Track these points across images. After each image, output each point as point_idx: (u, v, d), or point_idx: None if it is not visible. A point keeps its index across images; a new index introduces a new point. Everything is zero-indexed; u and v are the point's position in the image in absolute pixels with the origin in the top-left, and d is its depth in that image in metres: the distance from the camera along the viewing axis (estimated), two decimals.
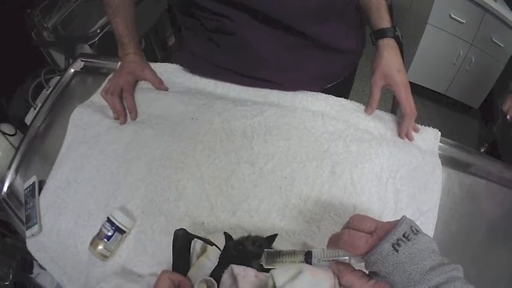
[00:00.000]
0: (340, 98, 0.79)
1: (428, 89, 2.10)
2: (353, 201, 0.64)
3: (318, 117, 0.74)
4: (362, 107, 0.78)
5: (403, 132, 0.74)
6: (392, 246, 0.35)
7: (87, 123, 0.82)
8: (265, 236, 0.56)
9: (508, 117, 1.25)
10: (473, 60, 1.85)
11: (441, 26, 1.84)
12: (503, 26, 1.65)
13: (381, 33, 0.73)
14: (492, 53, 1.78)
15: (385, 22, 0.74)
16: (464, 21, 1.75)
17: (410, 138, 0.74)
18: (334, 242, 0.40)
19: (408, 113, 0.72)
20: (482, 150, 1.68)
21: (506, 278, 0.65)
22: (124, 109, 0.82)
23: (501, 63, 1.78)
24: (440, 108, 2.13)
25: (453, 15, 1.76)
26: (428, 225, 0.64)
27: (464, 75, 1.95)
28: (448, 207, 0.69)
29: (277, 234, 0.56)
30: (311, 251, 0.41)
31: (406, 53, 0.75)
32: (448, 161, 0.74)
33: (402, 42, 0.74)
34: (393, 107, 0.79)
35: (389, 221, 0.39)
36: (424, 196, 0.67)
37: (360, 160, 0.68)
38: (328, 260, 0.40)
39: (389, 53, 0.72)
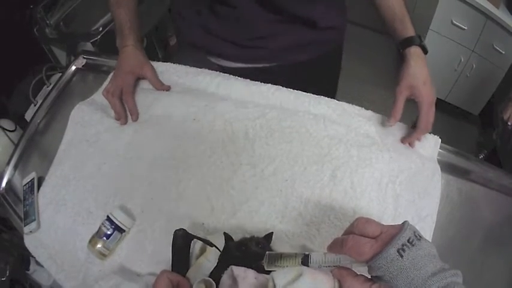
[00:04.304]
0: (341, 102, 0.80)
1: None
2: (353, 205, 0.65)
3: (319, 120, 0.75)
4: (363, 111, 0.79)
5: (407, 140, 0.74)
6: (398, 252, 0.36)
7: (88, 121, 0.81)
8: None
9: (509, 124, 1.25)
10: (474, 66, 1.86)
11: (443, 32, 1.85)
12: (505, 33, 1.65)
13: (408, 42, 0.73)
14: (493, 60, 1.78)
15: (410, 31, 0.73)
16: (466, 28, 1.76)
17: (412, 146, 0.74)
18: (338, 246, 0.40)
19: (422, 128, 0.71)
20: (481, 157, 1.68)
21: (502, 284, 0.65)
22: (124, 110, 0.82)
23: (502, 70, 1.77)
24: (440, 114, 2.13)
25: (455, 22, 1.76)
26: (426, 231, 0.65)
27: (465, 82, 1.95)
28: (447, 213, 0.69)
29: (272, 233, 0.57)
30: (309, 255, 0.41)
31: None
32: (448, 167, 0.74)
33: (428, 51, 0.74)
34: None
35: (392, 224, 0.39)
36: (423, 202, 0.67)
37: (361, 164, 0.69)
38: (329, 266, 0.41)
39: (416, 62, 0.71)
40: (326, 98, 0.80)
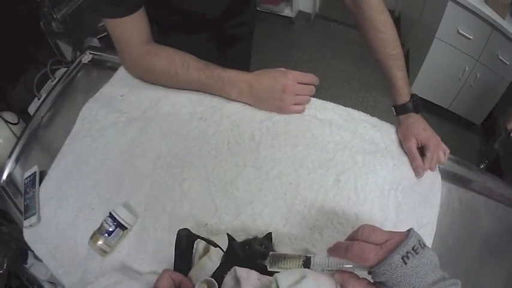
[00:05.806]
0: (347, 108, 0.80)
1: (432, 103, 2.11)
2: (356, 211, 0.65)
3: (325, 125, 0.75)
4: (369, 117, 0.79)
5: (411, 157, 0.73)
6: (402, 259, 0.36)
7: (95, 116, 0.81)
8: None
9: None
10: (478, 76, 1.86)
11: (449, 41, 1.85)
12: (510, 44, 1.65)
13: (401, 109, 0.76)
14: (497, 70, 1.78)
15: (403, 98, 0.75)
16: (471, 37, 1.76)
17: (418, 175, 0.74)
18: (342, 251, 0.40)
19: (429, 158, 0.71)
20: (482, 166, 1.68)
21: None
22: None
23: (506, 80, 1.77)
24: (442, 122, 2.14)
25: (461, 31, 1.76)
26: (426, 238, 0.65)
27: (469, 91, 1.95)
28: (447, 221, 0.70)
29: (271, 233, 0.58)
30: (310, 258, 0.42)
31: (412, 66, 0.75)
32: (449, 176, 0.74)
33: (421, 104, 0.75)
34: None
35: (398, 231, 0.39)
36: (423, 209, 0.68)
37: (365, 171, 0.69)
38: (331, 270, 0.41)
39: (415, 118, 0.74)
40: (332, 103, 0.81)
